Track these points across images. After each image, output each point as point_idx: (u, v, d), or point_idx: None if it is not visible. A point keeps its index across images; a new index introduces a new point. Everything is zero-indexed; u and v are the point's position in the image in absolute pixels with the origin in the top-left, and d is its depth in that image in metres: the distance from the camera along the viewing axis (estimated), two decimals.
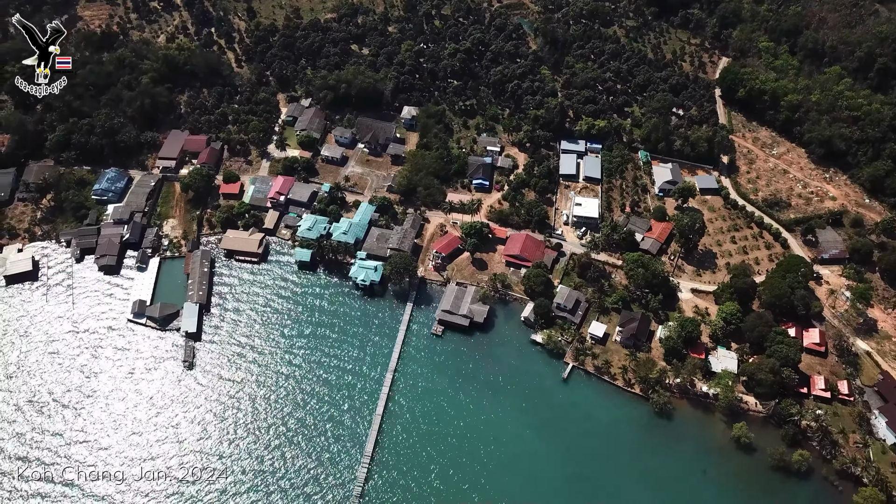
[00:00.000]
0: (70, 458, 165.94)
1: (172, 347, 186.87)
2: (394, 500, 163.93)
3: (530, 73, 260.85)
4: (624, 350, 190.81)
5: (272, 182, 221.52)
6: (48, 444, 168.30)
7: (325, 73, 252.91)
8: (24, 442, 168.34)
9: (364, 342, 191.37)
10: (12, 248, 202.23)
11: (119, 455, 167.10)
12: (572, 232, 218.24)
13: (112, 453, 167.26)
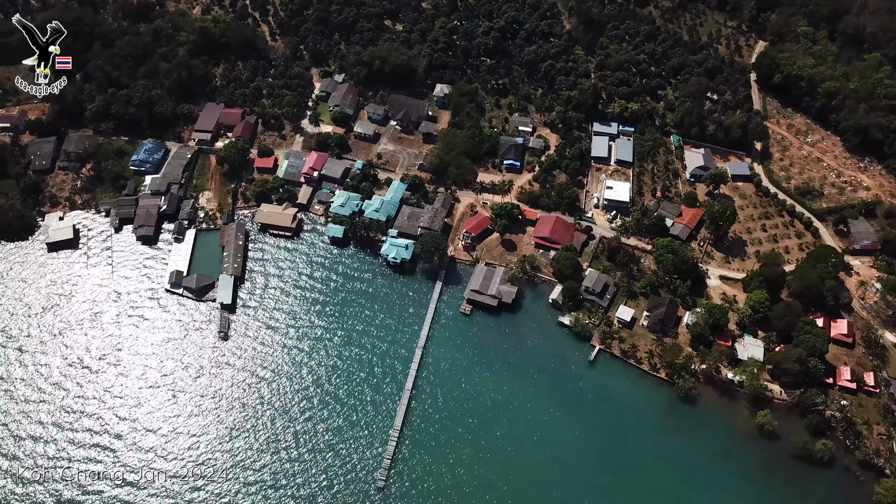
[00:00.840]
0: (113, 414, 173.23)
1: (208, 318, 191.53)
2: (422, 473, 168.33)
3: (564, 54, 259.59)
4: (651, 335, 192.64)
5: (306, 157, 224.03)
6: (92, 401, 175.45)
7: (358, 48, 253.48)
8: (70, 397, 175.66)
9: (394, 319, 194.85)
10: (54, 215, 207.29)
11: (157, 414, 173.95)
12: (602, 215, 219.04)
13: (151, 414, 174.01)
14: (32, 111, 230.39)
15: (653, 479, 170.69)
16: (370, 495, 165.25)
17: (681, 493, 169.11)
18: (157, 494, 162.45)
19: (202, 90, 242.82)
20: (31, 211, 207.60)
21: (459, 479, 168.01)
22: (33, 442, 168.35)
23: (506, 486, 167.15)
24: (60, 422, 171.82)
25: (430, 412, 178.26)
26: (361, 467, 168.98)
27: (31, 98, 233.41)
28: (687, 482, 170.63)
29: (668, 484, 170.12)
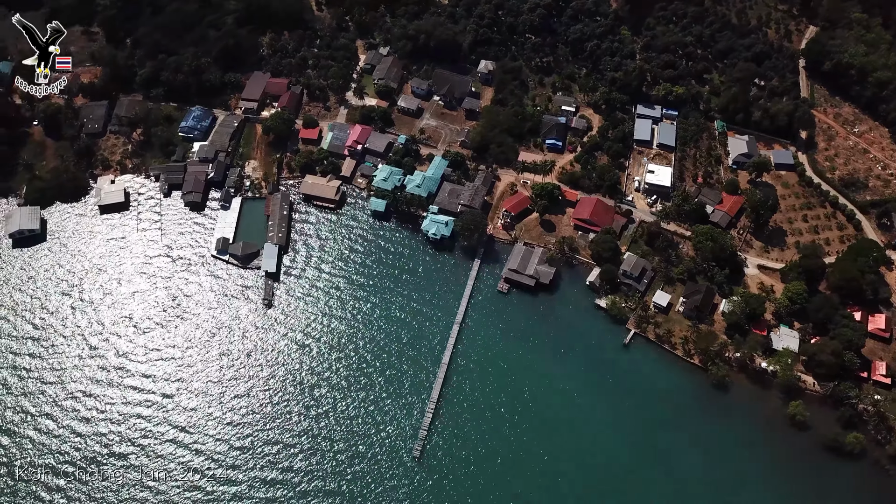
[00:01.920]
0: (164, 372, 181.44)
1: (253, 285, 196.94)
2: (456, 446, 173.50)
3: (610, 33, 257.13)
4: (686, 321, 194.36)
5: (350, 130, 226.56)
6: (140, 358, 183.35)
7: (404, 22, 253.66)
8: (120, 353, 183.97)
9: (432, 294, 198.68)
10: (106, 178, 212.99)
11: (201, 374, 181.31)
12: (643, 199, 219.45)
13: (196, 375, 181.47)
14: (85, 74, 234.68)
15: (682, 461, 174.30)
16: (405, 464, 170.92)
17: (709, 477, 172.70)
18: (203, 451, 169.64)
19: (249, 59, 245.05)
20: (84, 173, 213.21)
21: (492, 454, 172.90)
22: (85, 396, 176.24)
23: (537, 464, 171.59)
24: (112, 378, 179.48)
25: (465, 387, 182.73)
26: (398, 437, 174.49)
27: (84, 60, 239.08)
28: (716, 467, 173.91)
29: (697, 467, 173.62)
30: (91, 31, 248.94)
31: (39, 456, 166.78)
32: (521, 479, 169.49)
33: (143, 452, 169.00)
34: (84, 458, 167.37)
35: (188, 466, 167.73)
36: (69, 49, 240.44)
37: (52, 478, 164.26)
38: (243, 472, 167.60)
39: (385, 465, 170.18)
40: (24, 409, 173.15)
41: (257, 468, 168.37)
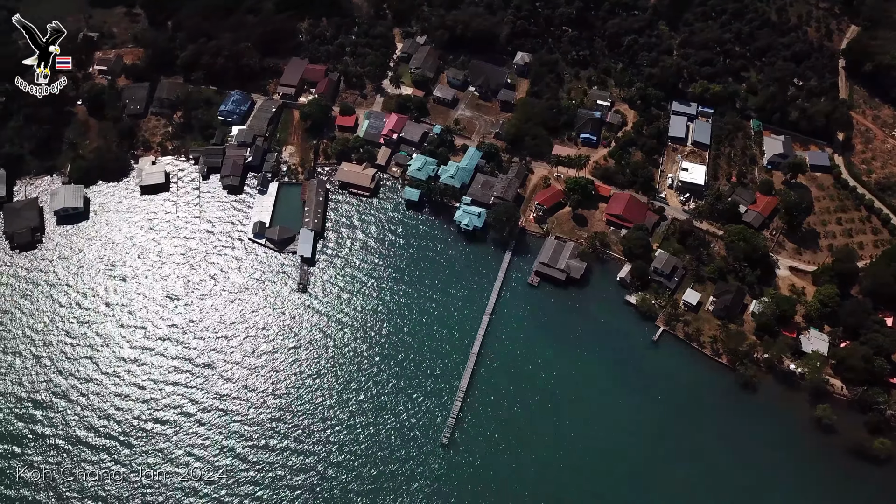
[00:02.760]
0: (202, 345, 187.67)
1: (288, 269, 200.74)
2: (483, 434, 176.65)
3: (648, 28, 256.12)
4: (716, 320, 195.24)
5: (386, 119, 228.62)
6: (179, 330, 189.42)
7: (442, 11, 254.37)
8: (164, 326, 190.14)
9: (463, 284, 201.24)
10: (147, 159, 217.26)
11: (240, 350, 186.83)
12: (676, 196, 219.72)
13: (233, 350, 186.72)
14: (127, 56, 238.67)
15: (706, 459, 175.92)
16: (434, 451, 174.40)
17: (733, 475, 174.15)
18: (241, 420, 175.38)
19: (287, 45, 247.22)
20: (126, 154, 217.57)
21: (519, 444, 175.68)
22: (129, 363, 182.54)
23: (561, 455, 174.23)
24: (153, 347, 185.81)
25: (494, 377, 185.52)
26: (426, 423, 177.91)
27: (126, 42, 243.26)
28: (740, 465, 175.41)
29: (721, 465, 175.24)
30: (134, 13, 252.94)
31: (85, 418, 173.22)
32: (546, 470, 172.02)
33: (185, 419, 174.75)
34: (127, 422, 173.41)
35: (226, 434, 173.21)
36: (112, 30, 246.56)
37: (97, 439, 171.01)
38: (278, 441, 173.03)
39: (414, 451, 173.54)
40: (72, 374, 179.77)
41: (290, 438, 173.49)
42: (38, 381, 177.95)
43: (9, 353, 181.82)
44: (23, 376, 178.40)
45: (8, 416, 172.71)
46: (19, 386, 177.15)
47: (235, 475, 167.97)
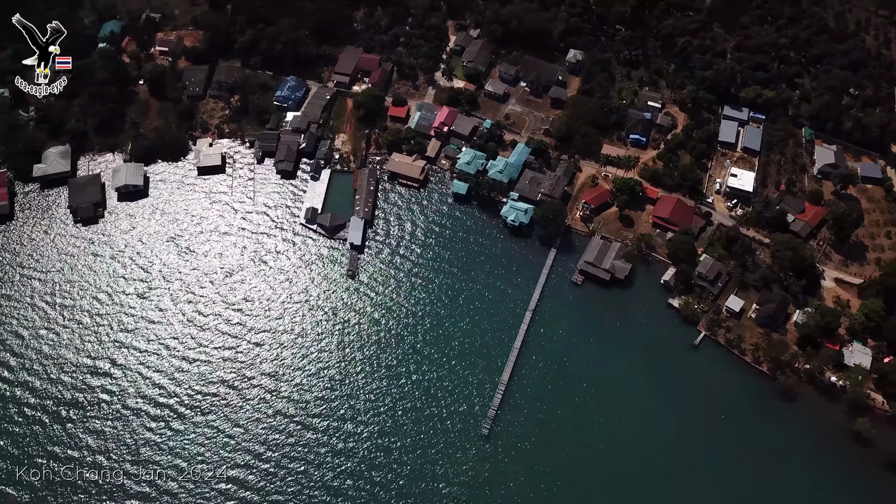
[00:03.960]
0: (255, 321, 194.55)
1: (337, 256, 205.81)
2: (523, 428, 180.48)
3: (702, 30, 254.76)
4: (758, 328, 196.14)
5: (437, 111, 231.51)
6: (236, 307, 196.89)
7: (496, 5, 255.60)
8: (220, 300, 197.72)
9: (508, 279, 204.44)
10: (204, 141, 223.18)
11: (287, 333, 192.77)
12: (723, 202, 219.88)
13: (284, 332, 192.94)
14: (187, 38, 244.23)
15: (740, 464, 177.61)
16: (474, 441, 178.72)
17: (767, 483, 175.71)
18: (288, 398, 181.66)
19: (342, 33, 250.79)
20: (185, 135, 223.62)
21: (555, 441, 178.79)
22: (183, 336, 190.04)
23: (597, 453, 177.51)
24: (207, 322, 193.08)
25: (535, 372, 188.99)
26: (468, 414, 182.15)
27: (186, 24, 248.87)
28: (774, 473, 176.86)
29: (755, 472, 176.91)
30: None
31: (144, 389, 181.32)
32: (579, 469, 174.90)
33: (234, 392, 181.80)
34: (181, 392, 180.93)
35: (275, 409, 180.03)
36: (174, 12, 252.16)
37: (155, 409, 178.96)
38: (323, 420, 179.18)
39: (455, 440, 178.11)
40: (132, 346, 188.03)
41: (335, 417, 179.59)
42: (99, 349, 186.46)
43: (73, 321, 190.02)
44: (86, 343, 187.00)
45: (70, 381, 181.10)
46: (81, 352, 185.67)
47: (281, 449, 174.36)
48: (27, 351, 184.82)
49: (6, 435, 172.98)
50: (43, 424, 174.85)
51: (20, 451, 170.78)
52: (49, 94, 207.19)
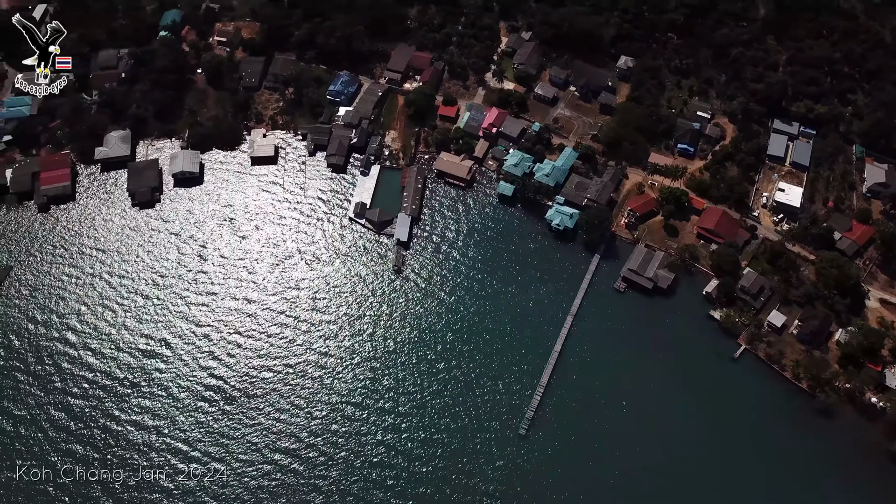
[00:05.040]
0: (304, 307, 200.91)
1: (384, 251, 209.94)
2: (559, 430, 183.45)
3: (755, 42, 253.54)
4: (799, 345, 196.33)
5: (486, 112, 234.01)
6: (286, 293, 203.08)
7: (548, 8, 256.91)
8: (269, 281, 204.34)
9: (550, 282, 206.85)
10: (259, 132, 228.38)
11: (335, 321, 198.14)
12: (769, 216, 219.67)
13: (330, 323, 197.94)
14: (245, 29, 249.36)
15: (772, 478, 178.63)
16: (511, 440, 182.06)
17: (798, 498, 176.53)
18: (331, 387, 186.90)
19: (395, 30, 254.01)
20: (240, 125, 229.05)
21: (590, 446, 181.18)
22: (237, 316, 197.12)
23: (631, 457, 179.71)
24: (257, 304, 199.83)
25: (574, 376, 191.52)
26: (506, 413, 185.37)
27: (244, 15, 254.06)
28: (808, 489, 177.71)
29: (786, 487, 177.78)
30: None
31: (195, 368, 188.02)
32: (613, 475, 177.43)
33: (281, 379, 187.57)
34: (231, 376, 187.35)
35: (319, 397, 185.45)
36: (232, 2, 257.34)
37: (212, 381, 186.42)
38: (363, 411, 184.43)
39: (493, 436, 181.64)
40: (188, 319, 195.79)
41: (375, 409, 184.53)
42: (154, 327, 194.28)
43: (131, 298, 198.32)
44: (142, 321, 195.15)
45: (126, 356, 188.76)
46: (138, 328, 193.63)
47: (323, 436, 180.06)
48: (87, 325, 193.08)
49: (65, 407, 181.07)
50: (99, 398, 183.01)
51: (76, 423, 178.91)
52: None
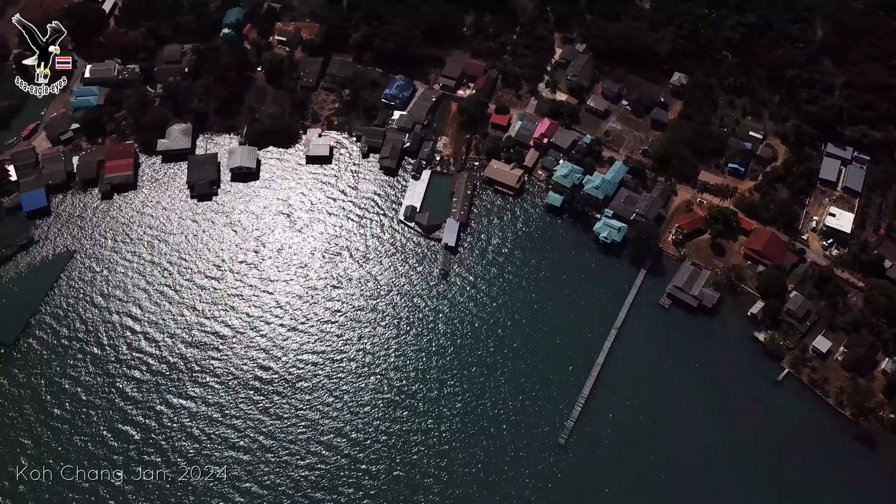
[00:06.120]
0: (353, 301, 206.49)
1: (432, 255, 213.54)
2: (599, 442, 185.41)
3: (811, 63, 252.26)
4: (844, 371, 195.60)
5: (538, 122, 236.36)
6: (338, 286, 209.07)
7: (604, 21, 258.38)
8: (323, 272, 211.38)
9: (595, 295, 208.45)
10: (314, 131, 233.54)
11: (381, 321, 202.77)
12: (818, 240, 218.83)
13: (378, 321, 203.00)
14: (304, 30, 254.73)
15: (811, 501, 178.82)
16: (550, 448, 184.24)
17: None
18: (381, 377, 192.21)
19: (451, 36, 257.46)
20: (297, 123, 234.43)
21: (628, 459, 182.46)
22: (290, 307, 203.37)
23: (669, 474, 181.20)
24: (310, 295, 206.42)
25: (615, 389, 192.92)
26: (545, 422, 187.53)
27: (304, 16, 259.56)
28: None
29: None
30: None
31: (251, 352, 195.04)
32: (652, 489, 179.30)
33: (331, 368, 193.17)
34: (284, 360, 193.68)
35: (366, 386, 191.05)
36: (293, 3, 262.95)
37: (261, 372, 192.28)
38: (404, 410, 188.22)
39: (532, 444, 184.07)
40: (243, 308, 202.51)
41: (417, 411, 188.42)
42: (214, 310, 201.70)
43: (191, 283, 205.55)
44: (203, 303, 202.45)
45: (186, 337, 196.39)
46: (197, 311, 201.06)
47: (372, 424, 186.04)
48: (147, 311, 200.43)
49: (132, 380, 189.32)
50: (163, 374, 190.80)
51: (142, 397, 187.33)
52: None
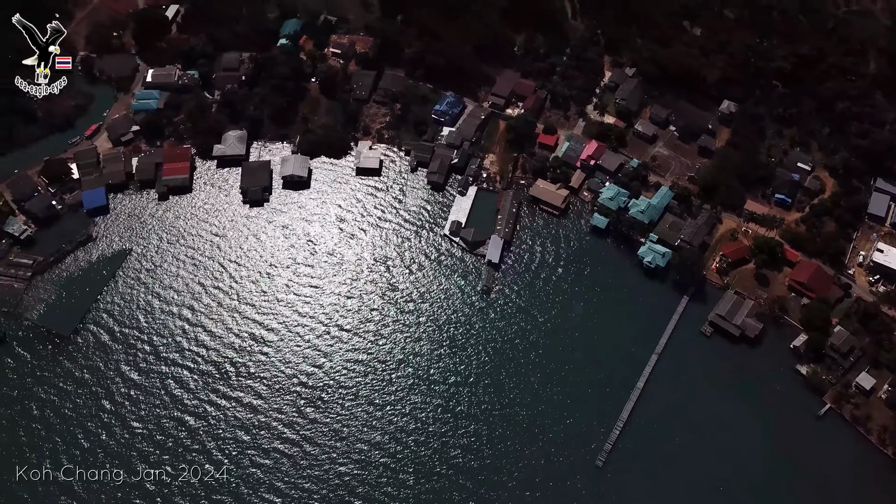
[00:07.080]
0: (398, 308, 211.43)
1: (475, 271, 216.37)
2: (637, 466, 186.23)
3: (864, 97, 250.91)
4: (888, 410, 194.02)
5: (585, 144, 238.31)
6: (383, 292, 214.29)
7: (655, 46, 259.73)
8: (366, 278, 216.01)
9: (637, 319, 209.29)
10: (365, 144, 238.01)
11: (422, 334, 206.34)
12: (865, 276, 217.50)
13: (419, 334, 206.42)
14: (359, 43, 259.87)
15: None
16: (587, 470, 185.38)
17: None
18: (423, 389, 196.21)
19: (501, 55, 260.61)
20: (348, 135, 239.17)
21: (669, 484, 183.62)
22: (341, 307, 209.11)
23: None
24: (356, 295, 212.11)
25: (655, 414, 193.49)
26: (583, 444, 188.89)
27: (359, 29, 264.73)
28: None
29: None
30: (368, 3, 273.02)
31: (297, 347, 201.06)
32: None
33: (374, 374, 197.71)
34: (331, 363, 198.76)
35: (406, 397, 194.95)
36: (348, 17, 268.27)
37: (307, 366, 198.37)
38: (442, 425, 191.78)
39: (569, 464, 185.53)
40: (295, 311, 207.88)
41: (453, 425, 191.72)
42: (266, 306, 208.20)
43: (246, 281, 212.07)
44: (256, 300, 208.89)
45: (239, 330, 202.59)
46: (250, 309, 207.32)
47: (411, 435, 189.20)
48: (202, 306, 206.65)
49: (179, 380, 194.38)
50: (209, 374, 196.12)
51: (188, 394, 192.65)
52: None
